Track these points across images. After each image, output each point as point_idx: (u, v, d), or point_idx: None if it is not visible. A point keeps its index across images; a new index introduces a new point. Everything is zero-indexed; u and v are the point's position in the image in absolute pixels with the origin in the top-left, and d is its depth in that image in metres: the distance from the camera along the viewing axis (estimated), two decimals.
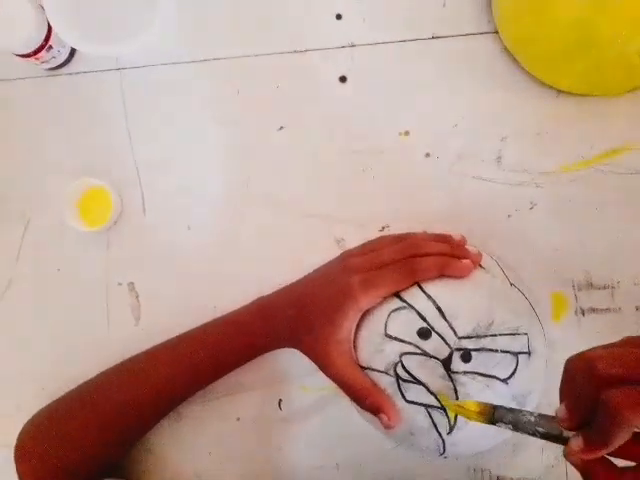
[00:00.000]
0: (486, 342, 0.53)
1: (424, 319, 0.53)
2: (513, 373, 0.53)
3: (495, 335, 0.53)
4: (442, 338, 0.53)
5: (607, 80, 0.58)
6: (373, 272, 0.54)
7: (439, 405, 0.52)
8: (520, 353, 0.53)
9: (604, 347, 0.38)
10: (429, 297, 0.54)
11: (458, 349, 0.53)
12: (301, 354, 0.56)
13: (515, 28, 0.59)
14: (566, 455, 0.38)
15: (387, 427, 0.52)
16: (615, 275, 0.60)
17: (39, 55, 0.64)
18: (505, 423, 0.43)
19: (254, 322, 0.59)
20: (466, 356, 0.53)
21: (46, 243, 0.67)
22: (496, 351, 0.53)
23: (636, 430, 0.34)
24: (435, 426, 0.53)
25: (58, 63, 0.67)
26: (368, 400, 0.52)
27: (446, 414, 0.52)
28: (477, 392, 0.52)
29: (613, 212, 0.60)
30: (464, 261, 0.54)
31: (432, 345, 0.53)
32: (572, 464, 0.38)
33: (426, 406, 0.53)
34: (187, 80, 0.67)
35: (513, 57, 0.61)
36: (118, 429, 0.61)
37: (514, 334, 0.53)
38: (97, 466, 0.61)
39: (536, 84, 0.61)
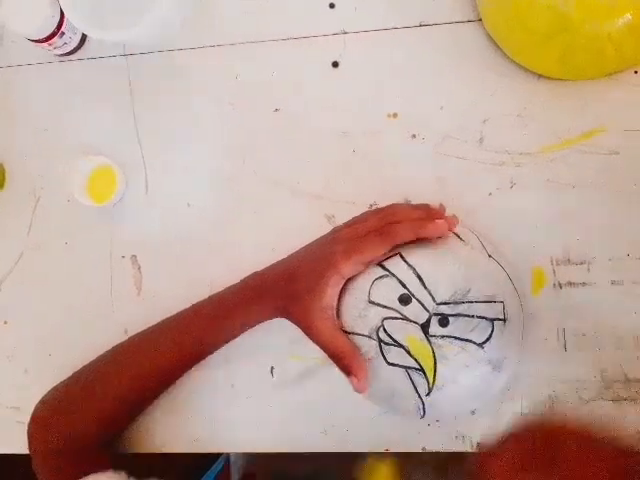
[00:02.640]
0: (463, 308, 0.56)
1: (405, 286, 0.57)
2: (489, 338, 0.56)
3: (472, 302, 0.56)
4: (421, 304, 0.56)
5: (583, 65, 0.60)
6: (354, 241, 0.57)
7: (419, 367, 0.55)
8: (496, 319, 0.56)
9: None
10: (410, 266, 0.57)
11: (436, 314, 0.56)
12: (291, 323, 0.59)
13: (496, 16, 0.62)
14: None
15: (356, 390, 0.55)
16: (591, 251, 0.62)
17: (52, 41, 0.68)
18: None
19: (250, 297, 0.62)
20: (443, 321, 0.56)
21: (55, 219, 0.71)
22: (472, 317, 0.55)
23: None
24: (415, 387, 0.56)
25: (69, 49, 0.71)
26: (342, 362, 0.56)
27: (425, 375, 0.55)
28: (454, 355, 0.55)
29: (590, 191, 0.62)
30: (437, 221, 0.56)
31: (412, 310, 0.56)
32: None
33: (406, 368, 0.56)
34: (189, 66, 0.70)
35: (496, 43, 0.64)
36: (129, 402, 0.65)
37: (490, 301, 0.56)
38: (105, 435, 0.64)
39: (517, 68, 0.64)
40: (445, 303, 0.56)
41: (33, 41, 0.68)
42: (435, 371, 0.55)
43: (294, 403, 0.65)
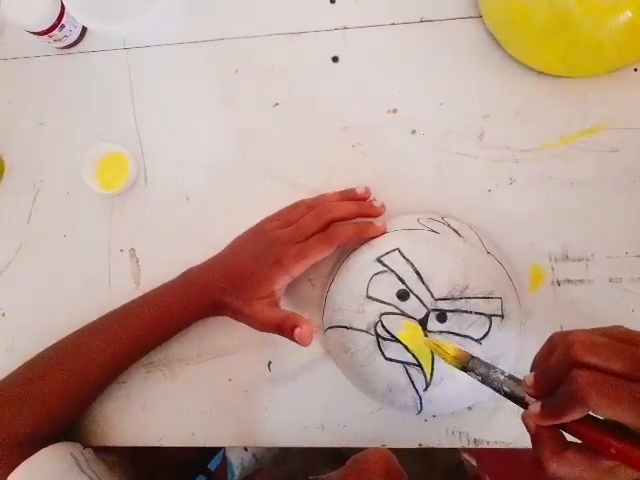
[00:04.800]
0: (461, 304, 0.56)
1: (403, 282, 0.57)
2: (486, 334, 0.56)
3: (470, 298, 0.56)
4: (419, 299, 0.56)
5: (582, 62, 0.61)
6: (301, 244, 0.59)
7: (416, 362, 0.56)
8: (493, 315, 0.56)
9: (589, 331, 0.41)
10: (408, 261, 0.57)
11: (434, 310, 0.56)
12: None
13: (496, 12, 0.62)
14: (523, 418, 0.41)
15: (301, 341, 0.56)
16: (590, 248, 0.62)
17: (52, 33, 0.68)
18: (476, 374, 0.46)
19: (188, 296, 0.63)
20: (442, 316, 0.56)
21: (54, 211, 0.71)
22: (470, 313, 0.56)
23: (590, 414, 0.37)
24: (412, 382, 0.56)
25: (69, 42, 0.71)
26: (286, 325, 0.57)
27: (422, 371, 0.56)
28: None
29: (589, 188, 0.62)
30: (378, 224, 0.61)
31: (410, 306, 0.56)
32: (526, 426, 0.41)
33: (404, 363, 0.56)
34: (189, 59, 0.70)
35: (496, 40, 0.64)
36: (67, 402, 0.63)
37: (488, 297, 0.56)
38: (59, 427, 0.63)
39: (517, 65, 0.64)
40: (443, 299, 0.56)
41: (33, 33, 0.67)
42: (433, 367, 0.55)
43: (291, 398, 0.65)
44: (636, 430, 0.36)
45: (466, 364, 0.48)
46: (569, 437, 0.40)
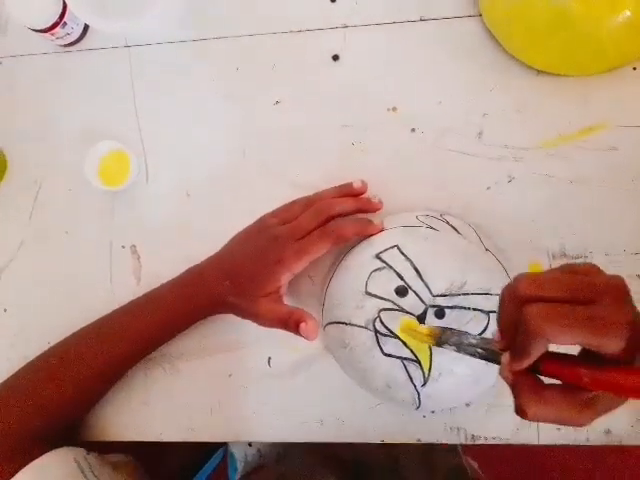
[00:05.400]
0: (459, 300, 0.56)
1: (402, 278, 0.57)
2: (484, 330, 0.56)
3: (468, 294, 0.56)
4: (418, 296, 0.56)
5: (582, 60, 0.61)
6: (301, 241, 0.60)
7: (415, 358, 0.56)
8: (491, 312, 0.56)
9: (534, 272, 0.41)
10: (407, 258, 0.58)
11: (432, 306, 0.56)
12: None
13: (496, 11, 0.63)
14: (500, 373, 0.41)
15: (306, 335, 0.57)
16: (588, 246, 0.62)
17: (54, 31, 0.68)
18: (450, 345, 0.47)
19: (190, 295, 0.64)
20: (440, 313, 0.56)
21: (56, 208, 0.72)
22: (468, 309, 0.56)
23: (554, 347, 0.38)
24: (411, 378, 0.56)
25: (72, 40, 0.71)
26: (291, 320, 0.57)
27: (421, 367, 0.56)
28: None
29: (587, 186, 0.63)
30: (377, 223, 0.62)
31: (408, 302, 0.57)
32: (504, 380, 0.41)
33: (402, 359, 0.56)
34: (190, 58, 0.71)
35: (495, 38, 0.64)
36: (73, 400, 0.64)
37: (486, 294, 0.57)
38: (63, 427, 0.64)
39: (517, 64, 0.64)
40: (442, 295, 0.56)
41: (36, 31, 0.68)
42: (431, 362, 0.56)
43: (290, 393, 0.66)
44: (598, 351, 0.36)
45: (440, 338, 0.48)
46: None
